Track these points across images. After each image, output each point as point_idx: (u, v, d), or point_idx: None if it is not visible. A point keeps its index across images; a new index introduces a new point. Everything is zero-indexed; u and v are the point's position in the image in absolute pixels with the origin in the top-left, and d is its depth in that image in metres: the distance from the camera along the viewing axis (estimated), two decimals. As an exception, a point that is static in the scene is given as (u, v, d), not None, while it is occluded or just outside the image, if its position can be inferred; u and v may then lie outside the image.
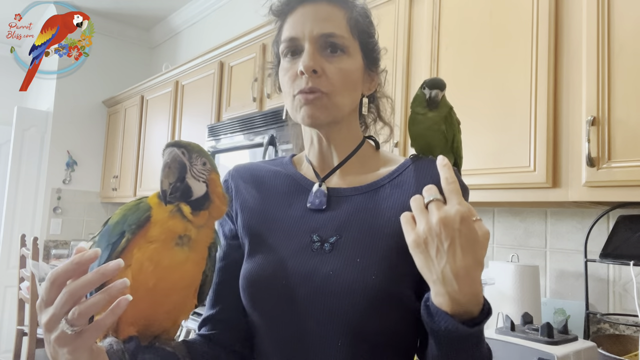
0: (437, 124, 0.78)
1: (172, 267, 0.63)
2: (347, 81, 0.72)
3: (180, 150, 0.63)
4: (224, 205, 0.68)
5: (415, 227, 0.56)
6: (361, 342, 0.66)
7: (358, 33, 0.74)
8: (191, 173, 0.64)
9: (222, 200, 0.67)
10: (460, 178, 0.76)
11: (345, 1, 0.74)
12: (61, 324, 0.49)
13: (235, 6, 3.47)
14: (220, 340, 0.76)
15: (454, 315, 0.55)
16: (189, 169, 0.64)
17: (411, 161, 0.76)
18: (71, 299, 0.49)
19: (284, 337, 0.69)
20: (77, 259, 0.50)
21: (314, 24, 0.71)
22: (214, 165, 0.67)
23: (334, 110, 0.72)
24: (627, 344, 1.34)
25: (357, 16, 0.74)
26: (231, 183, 0.82)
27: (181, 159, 0.63)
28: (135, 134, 3.73)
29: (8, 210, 3.92)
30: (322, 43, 0.71)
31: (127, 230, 0.62)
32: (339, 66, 0.71)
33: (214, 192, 0.66)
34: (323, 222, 0.72)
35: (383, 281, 0.65)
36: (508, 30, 1.47)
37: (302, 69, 0.70)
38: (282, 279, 0.68)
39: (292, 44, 0.72)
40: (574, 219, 1.62)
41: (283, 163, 0.84)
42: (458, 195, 0.55)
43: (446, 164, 0.58)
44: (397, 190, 0.72)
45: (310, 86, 0.70)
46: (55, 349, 0.51)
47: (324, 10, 0.72)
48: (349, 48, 0.73)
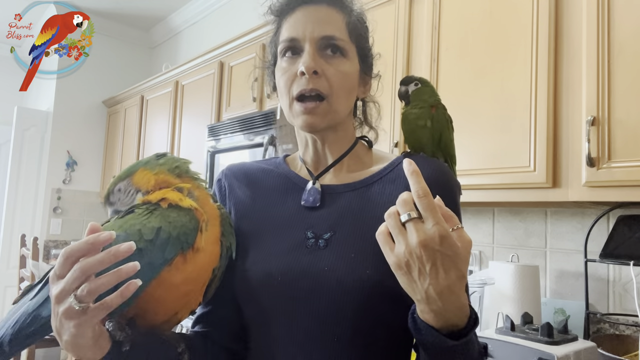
0: (420, 119, 0.80)
1: (196, 270, 0.65)
2: (346, 84, 0.73)
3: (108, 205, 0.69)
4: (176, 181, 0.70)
5: (394, 246, 0.54)
6: (357, 337, 0.66)
7: (355, 37, 0.75)
8: (122, 204, 0.68)
9: (167, 178, 0.69)
10: (453, 175, 0.77)
11: (344, 5, 0.75)
12: (70, 298, 0.51)
13: (235, 6, 3.47)
14: (213, 337, 0.76)
15: (441, 329, 0.55)
16: (117, 207, 0.68)
17: (403, 157, 0.77)
18: (81, 276, 0.51)
19: (280, 334, 0.69)
20: (93, 239, 0.52)
21: (315, 26, 0.72)
22: (124, 172, 0.70)
23: (332, 116, 0.73)
24: (627, 344, 1.34)
25: (355, 20, 0.75)
26: (224, 182, 0.83)
27: (113, 210, 0.69)
28: (135, 134, 3.73)
29: (8, 210, 3.92)
30: (323, 45, 0.72)
31: (184, 246, 0.64)
32: (338, 68, 0.72)
33: (150, 185, 0.68)
34: (317, 219, 0.73)
35: (377, 276, 0.65)
36: (508, 31, 1.47)
37: (304, 69, 0.70)
38: (277, 276, 0.69)
39: (291, 44, 0.73)
40: (574, 219, 1.62)
41: (276, 162, 0.84)
42: (433, 212, 0.52)
43: (413, 171, 0.53)
44: (389, 186, 0.73)
45: (312, 87, 0.70)
46: (62, 322, 0.53)
47: (324, 12, 0.73)
48: (348, 51, 0.73)
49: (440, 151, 0.82)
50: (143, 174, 0.68)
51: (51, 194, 4.01)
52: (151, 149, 3.52)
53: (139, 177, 0.68)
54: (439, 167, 0.75)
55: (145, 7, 4.03)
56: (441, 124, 0.81)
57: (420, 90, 0.82)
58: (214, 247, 0.69)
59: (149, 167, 0.69)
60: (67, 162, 4.07)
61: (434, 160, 0.76)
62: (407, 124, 0.82)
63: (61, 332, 0.54)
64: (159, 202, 0.65)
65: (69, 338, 0.54)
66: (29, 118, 4.04)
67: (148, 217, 0.63)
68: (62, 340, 0.55)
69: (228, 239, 0.71)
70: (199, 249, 0.65)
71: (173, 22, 4.19)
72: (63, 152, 4.07)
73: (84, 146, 4.17)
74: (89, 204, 4.18)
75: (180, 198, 0.66)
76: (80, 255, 0.52)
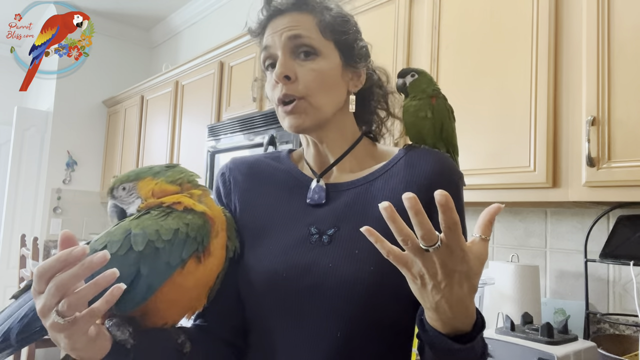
0: (421, 110, 0.80)
1: (206, 273, 0.67)
2: (323, 82, 0.73)
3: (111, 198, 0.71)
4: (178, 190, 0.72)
5: (409, 265, 0.51)
6: (360, 333, 0.67)
7: (331, 32, 0.75)
8: (123, 204, 0.71)
9: (169, 189, 0.71)
10: (455, 166, 0.77)
11: (313, 7, 0.76)
12: (52, 314, 0.50)
13: (235, 6, 3.47)
14: (214, 331, 0.77)
15: (448, 334, 0.56)
16: (120, 204, 0.71)
17: (405, 151, 0.77)
18: (59, 292, 0.50)
19: (283, 329, 0.69)
20: (65, 257, 0.50)
21: (284, 31, 0.74)
22: (133, 174, 0.72)
23: (315, 114, 0.73)
24: (627, 344, 1.33)
25: (328, 18, 0.75)
26: (229, 176, 0.83)
27: (113, 204, 0.71)
28: (135, 134, 3.73)
29: (8, 210, 3.92)
30: (293, 47, 0.73)
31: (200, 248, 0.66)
32: (311, 68, 0.73)
33: (155, 194, 0.70)
34: (321, 215, 0.73)
35: (381, 272, 0.66)
36: (508, 30, 1.47)
37: (275, 78, 0.72)
38: (282, 272, 0.69)
39: (267, 52, 0.75)
40: (574, 219, 1.62)
41: (281, 158, 0.84)
42: (459, 242, 0.49)
43: (445, 203, 0.47)
44: (391, 181, 0.74)
45: (284, 92, 0.72)
46: (54, 334, 0.53)
47: (291, 18, 0.75)
48: (321, 49, 0.74)
49: (442, 142, 0.81)
50: (148, 184, 0.70)
51: (51, 194, 4.01)
52: (151, 149, 3.52)
53: (143, 185, 0.70)
54: (441, 158, 0.75)
55: (145, 7, 4.03)
56: (442, 114, 0.81)
57: (417, 80, 0.82)
58: (222, 251, 0.70)
59: (155, 179, 0.71)
60: (67, 162, 4.07)
61: (435, 152, 0.76)
62: (407, 116, 0.82)
63: (56, 340, 0.54)
64: (174, 205, 0.67)
65: (66, 345, 0.53)
66: (29, 118, 4.04)
67: (165, 219, 0.64)
68: (61, 346, 0.55)
69: (233, 243, 0.73)
70: (211, 253, 0.66)
71: (173, 22, 4.19)
72: (63, 152, 4.07)
73: (84, 146, 4.17)
74: (89, 204, 4.18)
75: (194, 203, 0.68)
76: (53, 272, 0.50)
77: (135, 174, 0.71)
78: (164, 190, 0.70)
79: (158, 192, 0.69)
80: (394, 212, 0.49)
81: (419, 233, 0.49)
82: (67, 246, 0.51)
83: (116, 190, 0.70)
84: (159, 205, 0.67)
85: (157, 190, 0.69)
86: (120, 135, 3.98)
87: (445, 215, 0.48)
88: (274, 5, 0.76)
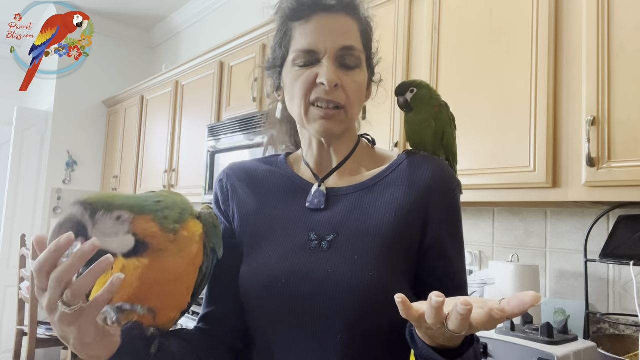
0: (426, 121, 0.81)
1: (152, 265, 0.63)
2: (361, 94, 0.75)
3: (80, 212, 0.58)
4: (167, 238, 0.64)
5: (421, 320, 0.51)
6: (360, 338, 0.67)
7: (365, 45, 0.76)
8: (98, 232, 0.58)
9: (161, 235, 0.63)
10: (454, 174, 0.77)
11: (357, 12, 0.75)
12: (59, 306, 0.52)
13: (235, 6, 3.47)
14: (216, 335, 0.77)
15: (437, 348, 0.56)
16: (90, 230, 0.57)
17: (405, 156, 0.77)
18: (60, 284, 0.52)
19: (283, 334, 0.69)
20: (54, 247, 0.52)
21: (335, 38, 0.71)
22: (136, 206, 0.62)
23: (347, 123, 0.74)
24: (627, 344, 1.33)
25: (366, 27, 0.76)
26: (226, 183, 0.82)
27: (78, 220, 0.57)
28: (135, 134, 3.73)
29: (8, 210, 3.92)
30: (341, 57, 0.71)
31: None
32: (354, 79, 0.72)
33: (146, 236, 0.62)
34: (320, 220, 0.73)
35: (381, 278, 0.66)
36: (508, 30, 1.47)
37: (325, 82, 0.69)
38: (281, 278, 0.69)
39: (309, 53, 0.71)
40: (574, 219, 1.62)
41: (278, 162, 0.84)
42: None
43: (466, 313, 0.46)
44: (391, 188, 0.73)
45: (330, 99, 0.70)
46: (63, 329, 0.54)
47: (342, 22, 0.72)
48: (362, 61, 0.74)
49: (442, 149, 0.82)
50: (146, 225, 0.62)
51: (51, 194, 4.01)
52: (151, 149, 3.52)
53: (140, 223, 0.61)
54: (440, 166, 0.75)
55: (145, 7, 4.03)
56: (444, 122, 0.81)
57: (418, 95, 0.82)
58: (190, 250, 0.67)
59: (153, 221, 0.63)
60: (67, 162, 4.07)
61: (435, 159, 0.77)
62: (412, 127, 0.83)
63: (66, 336, 0.55)
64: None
65: (75, 340, 0.55)
66: (29, 118, 4.03)
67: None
68: (70, 344, 0.56)
69: (211, 240, 0.70)
70: (162, 249, 0.63)
71: (173, 22, 4.19)
72: (63, 152, 4.06)
73: (84, 146, 4.16)
74: (89, 204, 4.18)
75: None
76: (50, 265, 0.52)
77: (135, 206, 0.61)
78: (155, 234, 0.62)
79: (150, 235, 0.62)
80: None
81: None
82: (43, 248, 0.53)
83: (104, 215, 0.59)
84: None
85: (151, 232, 0.62)
86: (120, 135, 3.98)
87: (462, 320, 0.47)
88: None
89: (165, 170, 3.26)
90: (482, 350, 1.23)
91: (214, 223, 0.72)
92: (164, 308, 0.68)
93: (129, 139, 3.85)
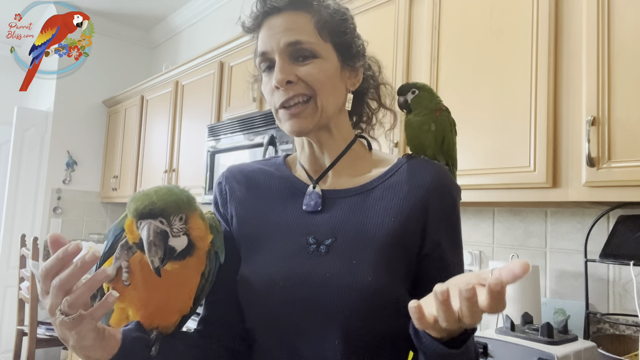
0: (425, 124, 0.80)
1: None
2: (324, 83, 0.72)
3: (158, 221, 0.59)
4: (207, 238, 0.66)
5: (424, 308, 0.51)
6: (358, 341, 0.67)
7: (329, 33, 0.74)
8: (172, 235, 0.61)
9: (204, 235, 0.65)
10: (453, 178, 0.77)
11: (310, 5, 0.73)
12: (57, 313, 0.54)
13: (236, 6, 3.47)
14: (215, 337, 0.77)
15: (441, 338, 0.56)
16: (170, 234, 0.60)
17: (405, 160, 0.77)
18: (61, 291, 0.53)
19: (281, 338, 0.70)
20: (62, 254, 0.53)
21: (281, 36, 0.71)
22: (191, 205, 0.63)
23: (319, 116, 0.72)
24: (627, 344, 1.33)
25: (325, 17, 0.73)
26: (225, 186, 0.82)
27: (162, 230, 0.59)
28: (135, 134, 3.73)
29: (8, 210, 3.92)
30: (291, 52, 0.71)
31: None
32: (312, 69, 0.71)
33: (196, 238, 0.64)
34: (318, 224, 0.73)
35: (379, 282, 0.66)
36: (508, 31, 1.47)
37: (276, 84, 0.70)
38: (279, 282, 0.69)
39: (264, 58, 0.74)
40: (574, 219, 1.62)
41: (276, 164, 0.84)
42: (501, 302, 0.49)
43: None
44: (390, 192, 0.73)
45: (291, 95, 0.70)
46: (63, 332, 0.55)
47: (288, 19, 0.72)
48: (320, 52, 0.72)
49: (442, 154, 0.82)
50: (196, 220, 0.64)
51: (51, 194, 4.01)
52: (151, 149, 3.52)
53: (194, 220, 0.64)
54: (439, 170, 0.75)
55: (145, 7, 4.03)
56: (444, 127, 0.81)
57: (419, 97, 0.82)
58: (199, 258, 0.68)
59: (200, 214, 0.66)
60: (67, 162, 4.07)
61: (435, 164, 0.76)
62: (410, 129, 0.82)
63: (66, 338, 0.56)
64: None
65: (74, 343, 0.56)
66: (29, 118, 4.03)
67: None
68: (70, 345, 0.57)
69: (215, 244, 0.70)
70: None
71: (173, 22, 4.19)
72: (63, 152, 4.06)
73: (84, 146, 4.16)
74: (89, 204, 4.18)
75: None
76: (55, 271, 0.54)
77: (189, 204, 0.63)
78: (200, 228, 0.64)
79: (197, 231, 0.64)
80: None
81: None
82: (57, 247, 0.54)
83: (170, 217, 0.60)
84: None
85: (200, 228, 0.64)
86: (120, 135, 3.97)
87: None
88: (270, 3, 0.73)
89: (165, 170, 3.26)
90: (482, 350, 1.23)
91: (217, 228, 0.72)
92: (166, 311, 0.68)
93: (129, 139, 3.85)
